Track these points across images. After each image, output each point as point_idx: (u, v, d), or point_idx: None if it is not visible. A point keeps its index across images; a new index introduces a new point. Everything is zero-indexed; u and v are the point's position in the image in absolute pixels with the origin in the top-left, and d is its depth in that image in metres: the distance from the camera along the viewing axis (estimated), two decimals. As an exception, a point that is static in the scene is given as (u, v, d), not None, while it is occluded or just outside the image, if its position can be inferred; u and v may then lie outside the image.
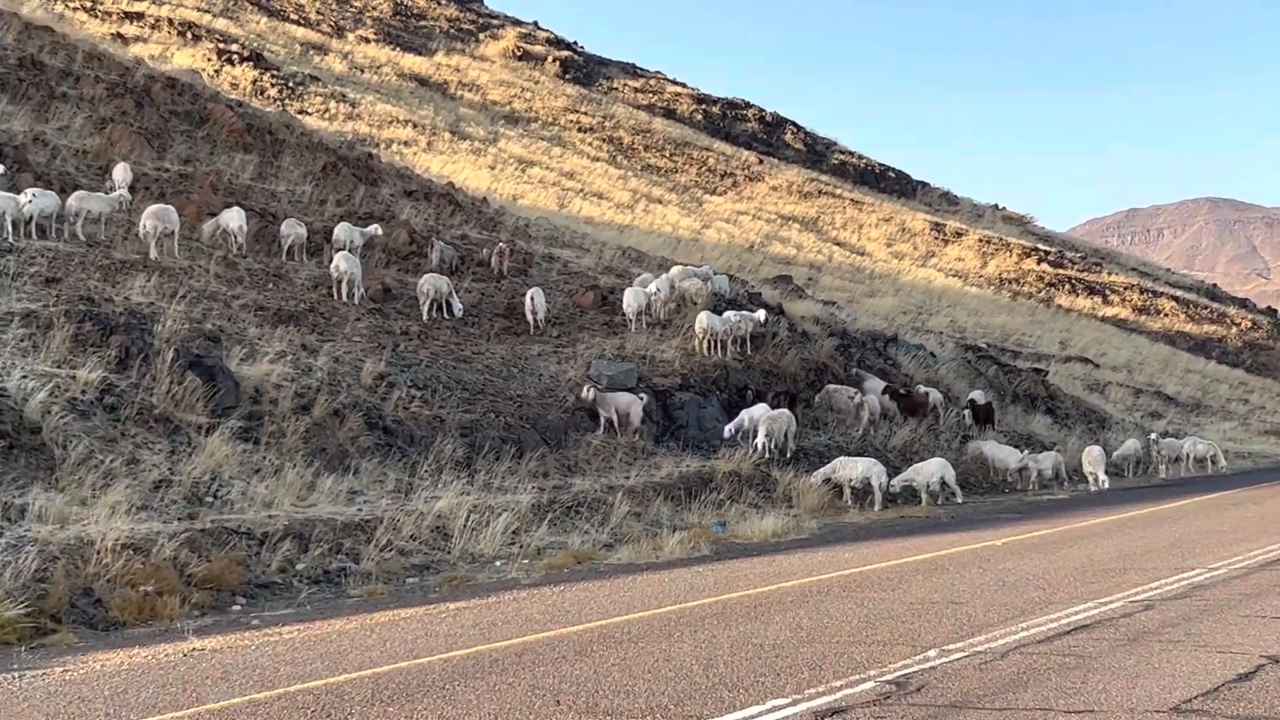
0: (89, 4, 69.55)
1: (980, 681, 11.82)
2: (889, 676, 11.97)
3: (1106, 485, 39.08)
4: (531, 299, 36.19)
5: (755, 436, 31.52)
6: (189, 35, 71.79)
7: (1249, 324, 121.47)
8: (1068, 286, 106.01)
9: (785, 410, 33.19)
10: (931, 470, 33.03)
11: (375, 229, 37.83)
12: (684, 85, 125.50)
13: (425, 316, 33.81)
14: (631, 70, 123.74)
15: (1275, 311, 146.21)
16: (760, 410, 32.29)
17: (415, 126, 72.77)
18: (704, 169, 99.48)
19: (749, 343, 37.52)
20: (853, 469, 31.30)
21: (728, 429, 31.78)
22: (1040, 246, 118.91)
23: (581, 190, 73.49)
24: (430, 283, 34.55)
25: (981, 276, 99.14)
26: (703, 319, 36.50)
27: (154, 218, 30.72)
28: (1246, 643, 13.52)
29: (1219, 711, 10.68)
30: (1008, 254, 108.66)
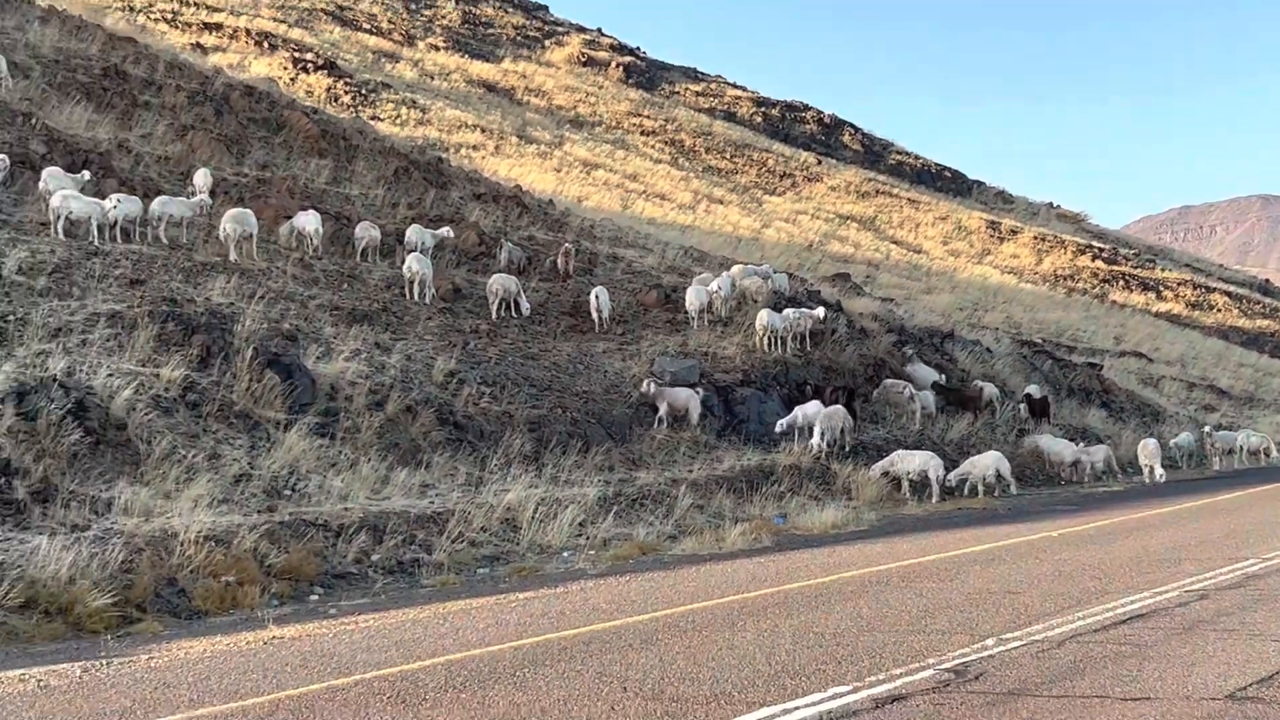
0: (169, 15, 70.16)
1: (1037, 670, 11.78)
2: (947, 665, 11.95)
3: (1162, 478, 38.73)
4: (596, 298, 36.27)
5: (809, 434, 31.48)
6: (265, 45, 72.23)
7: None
8: (1121, 283, 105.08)
9: (840, 407, 33.05)
10: (987, 463, 32.87)
11: (446, 231, 37.98)
12: (744, 89, 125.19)
13: (494, 315, 33.92)
14: (693, 74, 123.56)
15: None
16: (814, 407, 32.23)
17: (483, 131, 72.93)
18: (763, 170, 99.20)
19: (809, 339, 37.43)
20: (910, 462, 31.21)
21: (780, 424, 31.75)
22: (1094, 244, 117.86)
23: (644, 192, 73.46)
24: (499, 282, 34.66)
25: (1036, 273, 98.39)
26: (763, 316, 36.48)
27: (233, 221, 30.97)
28: (1298, 632, 13.42)
29: (1274, 699, 10.61)
30: (1062, 251, 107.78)
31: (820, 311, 38.69)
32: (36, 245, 26.37)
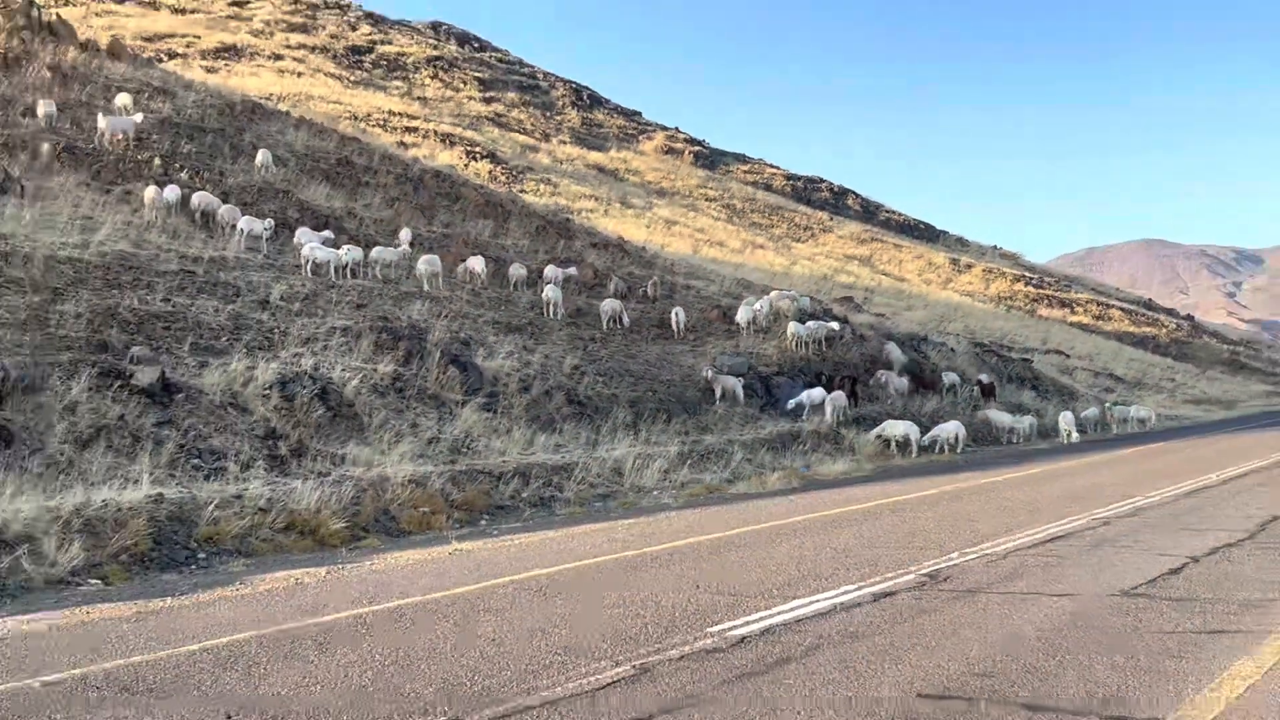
0: (382, 122, 70.85)
1: (987, 574, 11.69)
2: (924, 570, 11.89)
3: (1077, 439, 38.28)
4: (675, 314, 36.39)
5: (814, 411, 31.19)
6: (448, 142, 72.77)
7: (1174, 326, 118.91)
8: (1046, 302, 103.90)
9: (841, 392, 32.89)
10: (950, 429, 32.56)
11: (572, 270, 38.09)
12: (778, 167, 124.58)
13: (605, 327, 33.96)
14: (742, 158, 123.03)
15: (1191, 318, 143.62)
16: (818, 393, 31.86)
17: (596, 200, 73.09)
18: (792, 225, 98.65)
19: (824, 343, 37.22)
20: (896, 428, 30.92)
21: (790, 403, 31.39)
22: (1026, 274, 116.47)
23: (708, 240, 73.28)
24: (609, 305, 34.74)
25: (985, 295, 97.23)
26: (792, 327, 36.41)
27: (426, 263, 31.29)
28: (1176, 548, 13.22)
29: (1156, 594, 10.49)
30: (1003, 279, 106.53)
31: (834, 325, 38.48)
32: (292, 281, 26.75)
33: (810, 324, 37.30)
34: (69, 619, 10.30)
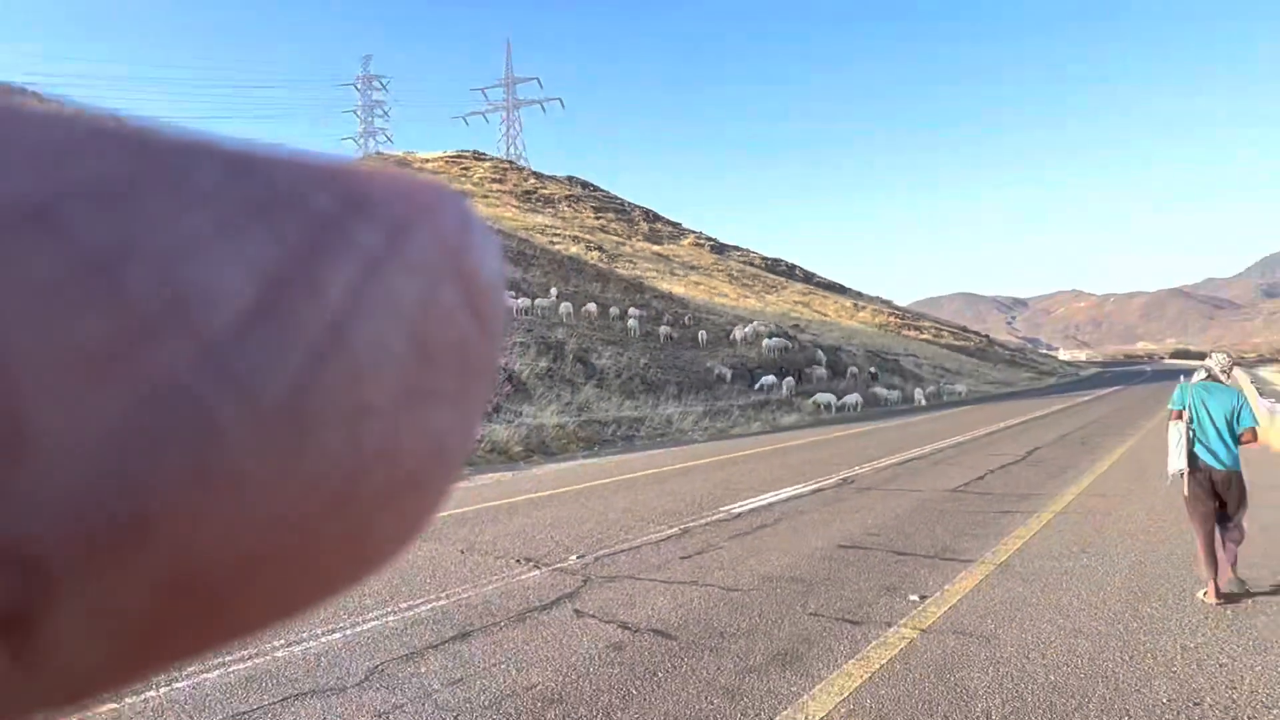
0: (540, 231, 71.40)
1: (877, 479, 11.35)
2: (840, 477, 11.55)
3: (924, 403, 37.31)
4: (700, 335, 35.86)
5: (772, 389, 30.56)
6: (576, 240, 73.03)
7: (978, 340, 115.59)
8: (909, 329, 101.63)
9: (791, 379, 32.05)
10: (853, 398, 31.77)
11: (638, 312, 37.65)
12: (757, 252, 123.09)
13: (661, 341, 33.69)
14: (737, 248, 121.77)
15: (988, 336, 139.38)
16: (770, 378, 30.75)
17: (656, 271, 72.72)
18: (764, 285, 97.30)
19: (783, 351, 36.64)
20: (823, 397, 30.19)
21: (756, 384, 30.35)
22: (895, 311, 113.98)
23: (717, 292, 72.60)
24: (664, 329, 34.40)
25: (872, 324, 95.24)
26: (765, 342, 35.86)
27: (565, 307, 31.10)
28: (980, 464, 12.76)
29: (970, 490, 10.11)
30: (883, 314, 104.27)
31: (786, 342, 37.87)
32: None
33: (774, 340, 36.75)
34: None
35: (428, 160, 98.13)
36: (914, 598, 5.61)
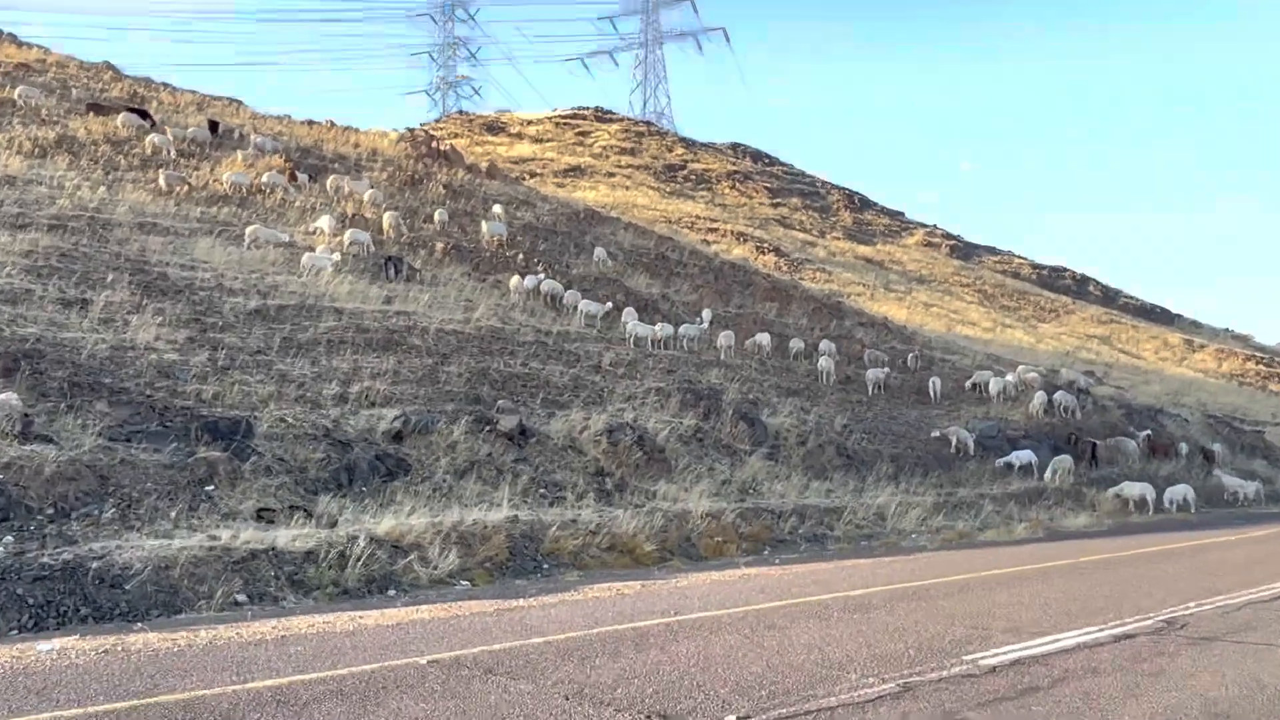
0: (690, 224, 72.75)
1: (1224, 624, 10.53)
2: (1162, 617, 10.84)
3: (1309, 506, 34.12)
4: (933, 383, 35.11)
5: (1024, 469, 28.75)
6: (741, 239, 73.70)
7: None
8: (1276, 379, 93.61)
9: (1066, 456, 30.18)
10: (1181, 490, 29.69)
11: (832, 347, 37.23)
12: (1025, 258, 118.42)
13: (870, 392, 33.19)
14: (993, 250, 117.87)
15: None
16: (1027, 454, 29.25)
17: (863, 285, 71.88)
18: (1037, 308, 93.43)
19: (1069, 411, 34.92)
20: (1133, 488, 28.47)
21: (999, 462, 28.84)
22: (1257, 354, 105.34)
23: (961, 320, 70.47)
24: (872, 374, 33.96)
25: (1218, 373, 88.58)
26: (1037, 396, 34.40)
27: (724, 338, 31.66)
28: None
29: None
30: (1235, 358, 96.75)
31: (1073, 398, 36.08)
32: (619, 351, 27.66)
33: (1053, 394, 35.17)
34: (446, 611, 10.93)
35: (530, 122, 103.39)
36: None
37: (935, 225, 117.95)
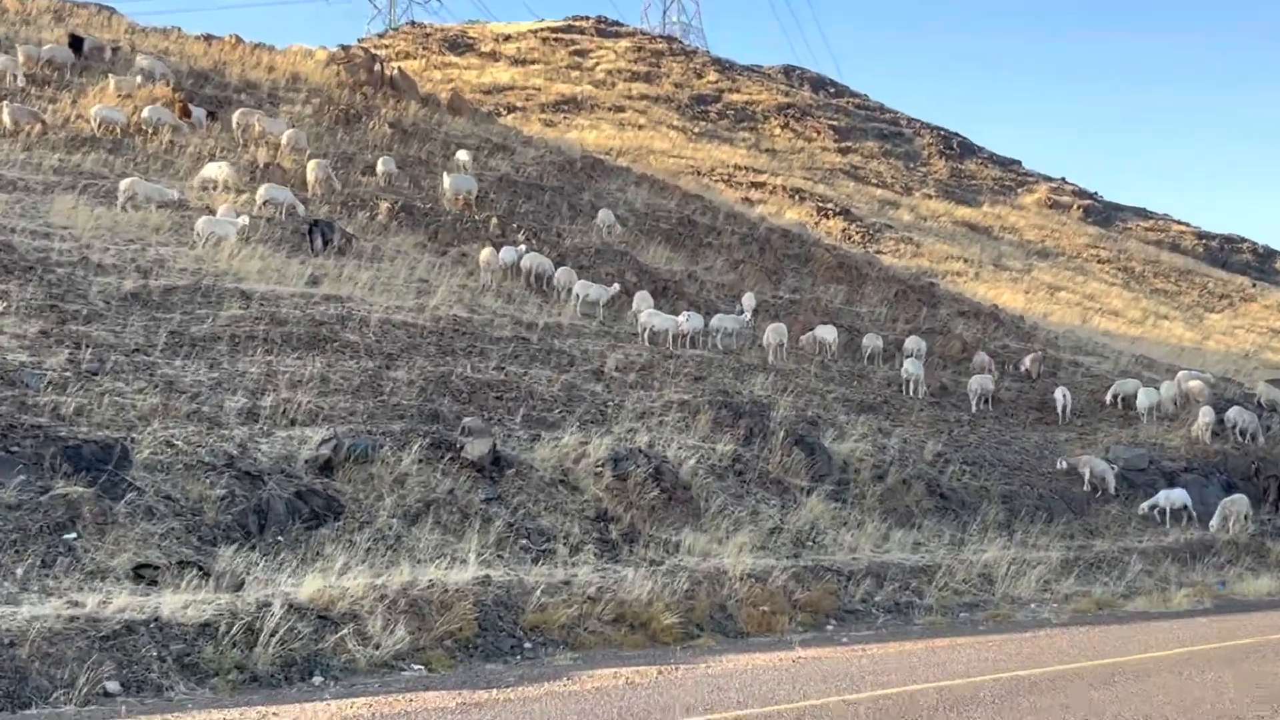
0: (726, 177, 72.66)
1: None
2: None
3: None
4: (1061, 395, 35.07)
5: (1172, 515, 28.63)
6: (796, 197, 73.59)
7: None
8: None
9: (1241, 495, 29.96)
10: None
11: (922, 345, 37.09)
12: (1186, 224, 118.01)
13: (974, 409, 33.16)
14: (1143, 213, 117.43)
15: None
16: (1178, 494, 29.07)
17: (965, 261, 71.70)
18: (1204, 292, 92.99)
19: (1248, 435, 34.79)
20: (1337, 542, 28.35)
21: (1142, 507, 28.73)
22: None
23: (1100, 309, 70.21)
24: (978, 382, 33.92)
25: None
26: (1205, 413, 34.24)
27: (774, 333, 31.68)
28: None
29: None
30: None
31: (1252, 416, 35.85)
32: (628, 350, 27.69)
33: (1231, 412, 35.00)
34: (391, 707, 10.93)
35: (508, 38, 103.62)
36: None
37: (1063, 179, 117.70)
